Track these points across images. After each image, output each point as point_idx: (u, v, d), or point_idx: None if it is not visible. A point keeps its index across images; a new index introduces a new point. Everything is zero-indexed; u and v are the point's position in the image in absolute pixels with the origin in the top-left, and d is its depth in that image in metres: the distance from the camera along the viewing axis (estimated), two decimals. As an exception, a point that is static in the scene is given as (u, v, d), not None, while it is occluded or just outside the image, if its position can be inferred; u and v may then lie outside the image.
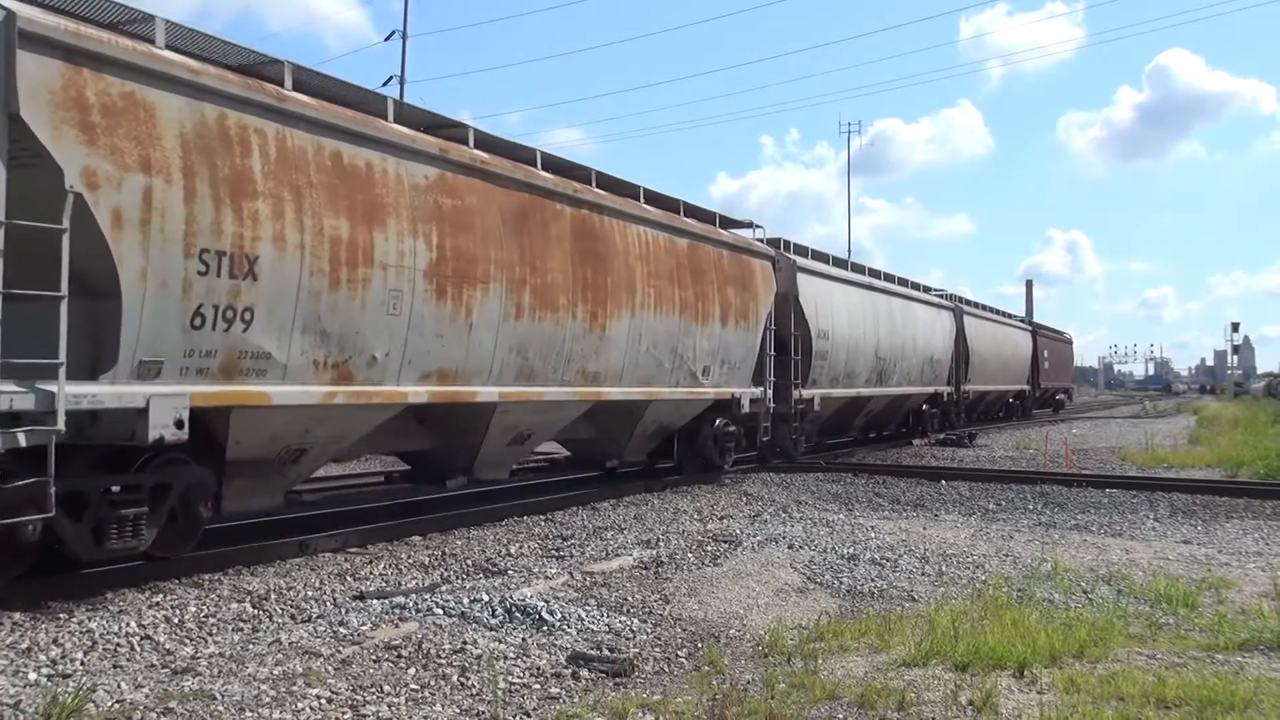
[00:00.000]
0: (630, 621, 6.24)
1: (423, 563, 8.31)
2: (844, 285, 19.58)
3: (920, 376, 23.68)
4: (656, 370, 12.39)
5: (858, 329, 19.64)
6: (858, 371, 19.71)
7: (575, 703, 4.70)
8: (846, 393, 19.31)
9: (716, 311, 13.76)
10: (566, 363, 10.61)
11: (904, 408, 24.21)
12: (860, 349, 19.66)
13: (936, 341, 24.85)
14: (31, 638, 5.62)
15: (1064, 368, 48.21)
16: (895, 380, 21.90)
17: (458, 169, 9.19)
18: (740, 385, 14.75)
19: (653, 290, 12.17)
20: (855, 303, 19.78)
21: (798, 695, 4.80)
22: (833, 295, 18.64)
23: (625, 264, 11.63)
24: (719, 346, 13.81)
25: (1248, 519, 11.37)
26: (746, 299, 14.67)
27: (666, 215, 12.96)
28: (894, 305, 22.13)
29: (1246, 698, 4.67)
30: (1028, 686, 4.95)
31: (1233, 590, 7.34)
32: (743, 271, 14.73)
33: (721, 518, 10.85)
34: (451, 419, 9.80)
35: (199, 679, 4.88)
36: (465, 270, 9.07)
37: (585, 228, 11.01)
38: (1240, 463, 18.04)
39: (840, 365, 18.80)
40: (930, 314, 24.87)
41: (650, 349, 12.13)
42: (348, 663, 5.16)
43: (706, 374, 13.60)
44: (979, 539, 9.74)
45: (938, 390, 25.34)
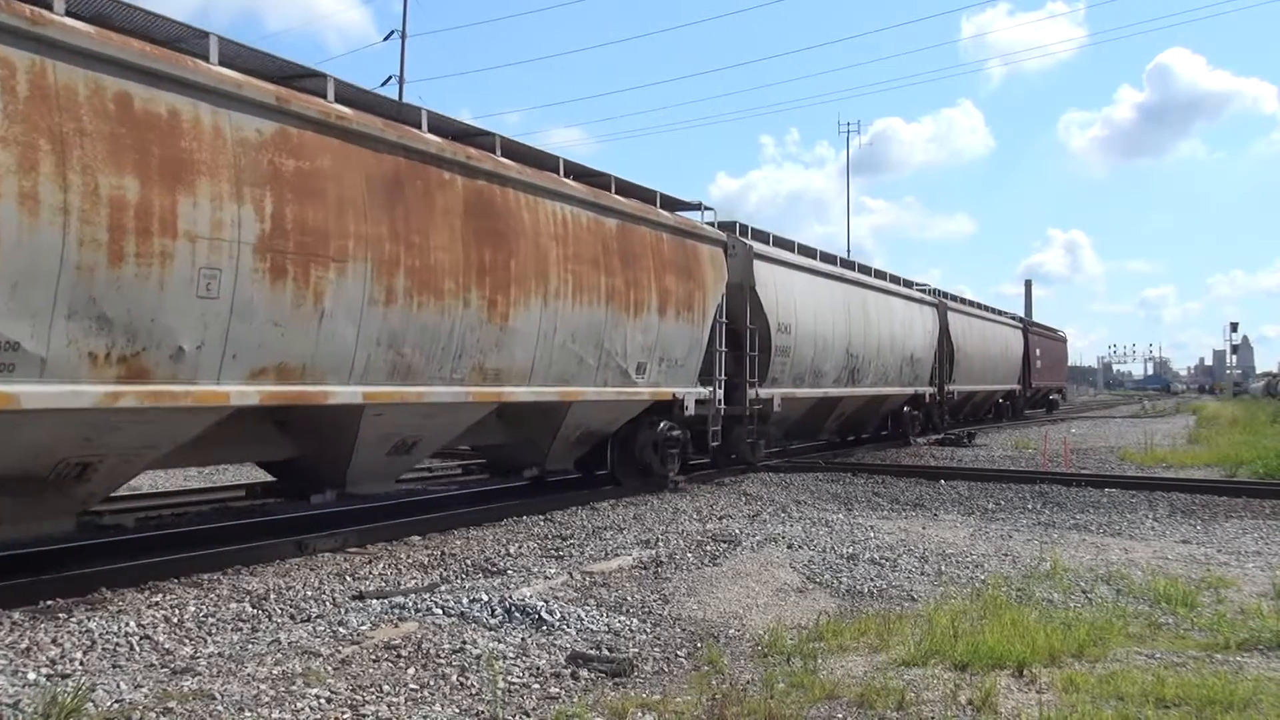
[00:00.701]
0: (630, 621, 6.24)
1: (422, 562, 8.31)
2: (810, 275, 17.98)
3: (899, 376, 22.23)
4: (578, 367, 10.98)
5: (825, 323, 18.09)
6: (826, 370, 18.19)
7: (574, 703, 4.70)
8: (813, 393, 17.84)
9: (653, 301, 12.27)
10: (457, 358, 9.18)
11: (882, 409, 22.97)
12: (829, 345, 18.16)
13: (917, 338, 23.35)
14: (31, 637, 5.61)
15: (1057, 367, 46.96)
16: (870, 380, 20.44)
17: (306, 124, 7.66)
18: (684, 384, 13.31)
19: (572, 276, 10.68)
20: (823, 295, 18.26)
21: (797, 695, 4.80)
22: (796, 286, 17.06)
23: (536, 245, 10.16)
24: (656, 341, 12.39)
25: (1247, 518, 11.37)
26: (691, 288, 13.19)
27: (592, 191, 11.49)
28: (869, 299, 20.53)
29: (1246, 697, 4.67)
30: (1027, 686, 4.96)
31: (1232, 590, 7.34)
32: (687, 257, 13.24)
33: (721, 517, 10.85)
34: (313, 425, 8.45)
35: (198, 679, 4.88)
36: (314, 246, 7.59)
37: (483, 202, 9.53)
38: (1239, 462, 18.04)
39: (805, 363, 17.25)
40: (910, 309, 23.35)
41: (569, 343, 10.71)
42: (347, 662, 5.16)
43: (641, 371, 12.18)
44: (978, 538, 9.75)
45: (919, 391, 23.86)
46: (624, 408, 12.36)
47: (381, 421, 8.73)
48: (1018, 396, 37.39)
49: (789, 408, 16.98)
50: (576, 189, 11.18)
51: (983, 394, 31.74)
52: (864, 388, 20.23)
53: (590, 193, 11.43)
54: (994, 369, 32.23)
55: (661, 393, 12.78)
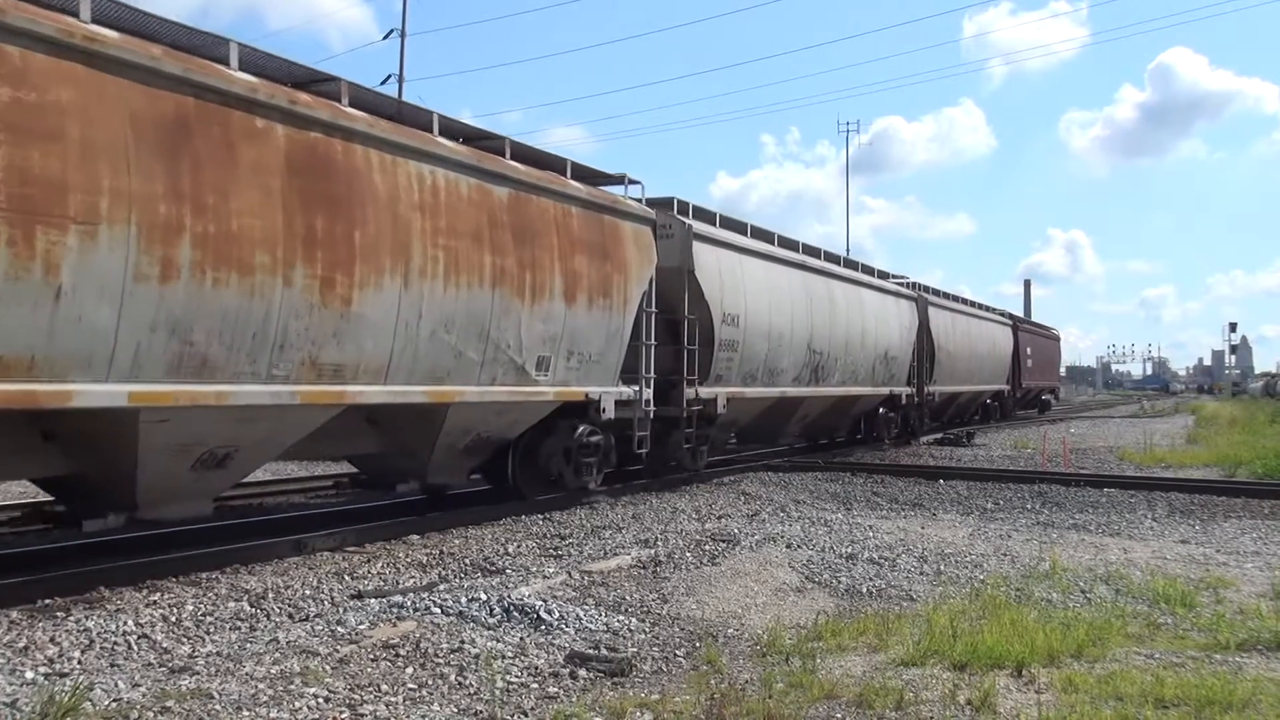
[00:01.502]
0: (628, 621, 6.24)
1: (420, 562, 8.30)
2: (764, 261, 16.02)
3: (871, 375, 20.50)
4: (455, 362, 9.32)
5: (783, 315, 16.14)
6: (783, 367, 16.33)
7: (573, 702, 4.70)
8: (767, 392, 16.04)
9: (557, 286, 10.58)
10: (278, 350, 7.47)
11: (853, 411, 21.25)
12: (786, 340, 16.22)
13: (892, 335, 21.57)
14: (29, 636, 5.61)
15: (1049, 366, 45.32)
16: (837, 379, 18.70)
17: (32, 43, 6.02)
18: (601, 383, 11.67)
19: (444, 253, 9.01)
20: (780, 283, 16.33)
21: (796, 695, 4.79)
22: (747, 272, 15.16)
23: (392, 214, 8.52)
24: (563, 332, 10.75)
25: (1245, 518, 11.37)
26: (610, 271, 11.53)
27: (476, 154, 9.79)
28: (835, 290, 18.71)
29: (1245, 697, 4.67)
30: (1026, 686, 4.95)
31: (1231, 590, 7.34)
32: (604, 236, 11.54)
33: (719, 517, 10.84)
34: (80, 434, 7.00)
35: (196, 678, 4.87)
36: (42, 203, 5.98)
37: (316, 159, 7.84)
38: (1238, 462, 18.06)
39: (757, 359, 15.39)
40: (884, 302, 21.53)
41: (441, 333, 9.05)
42: (345, 662, 5.15)
43: (544, 368, 10.57)
44: (977, 538, 9.74)
45: (895, 391, 22.09)
46: (523, 410, 10.70)
47: (170, 429, 7.06)
48: (1006, 397, 35.83)
49: (738, 409, 15.37)
50: (453, 150, 9.45)
51: (968, 395, 30.18)
52: (830, 388, 18.49)
53: (473, 155, 9.72)
54: (980, 368, 30.62)
55: (570, 392, 11.13)
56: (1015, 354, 35.61)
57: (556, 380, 10.84)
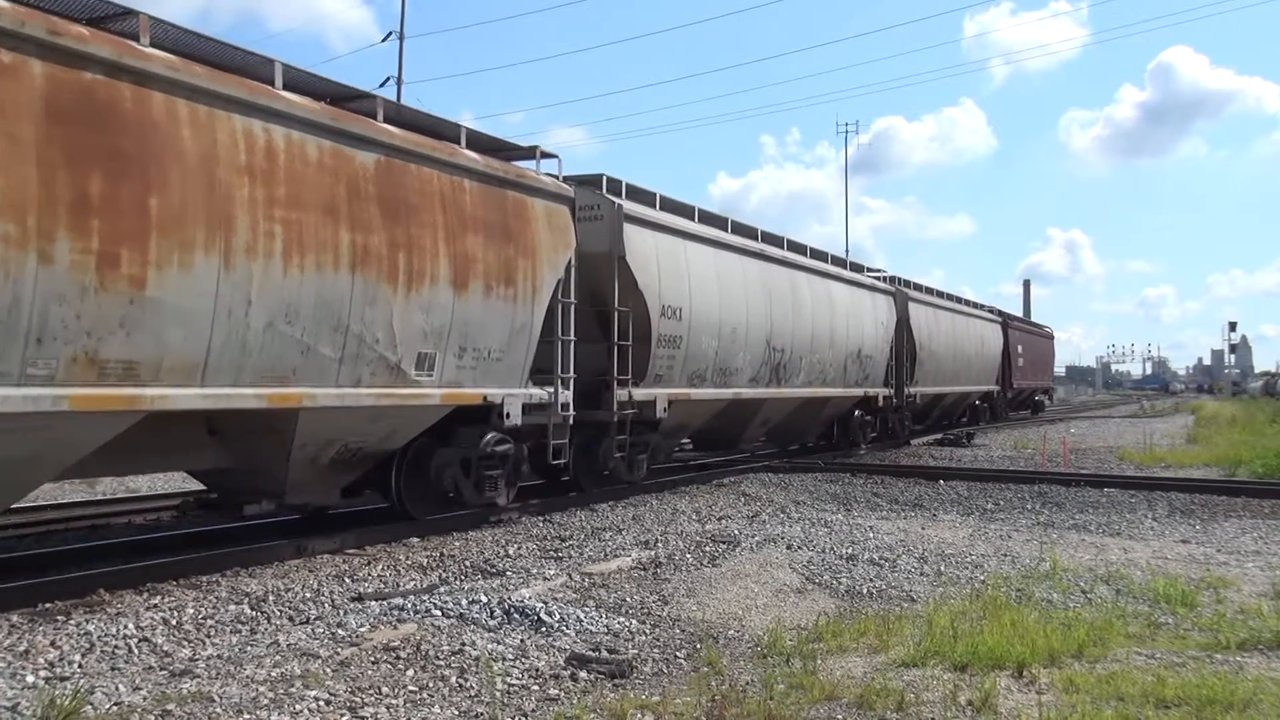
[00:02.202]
0: (629, 622, 6.24)
1: (421, 564, 8.31)
2: (714, 249, 14.41)
3: (843, 375, 19.04)
4: (303, 359, 7.87)
5: (735, 309, 14.63)
6: (737, 366, 14.85)
7: (574, 704, 4.70)
8: (718, 394, 14.46)
9: (443, 271, 9.17)
10: (35, 343, 6.10)
11: (823, 414, 19.63)
12: (740, 336, 14.74)
13: (867, 331, 20.06)
14: (29, 640, 5.61)
15: (1042, 365, 43.52)
16: (802, 379, 17.22)
17: None
18: (503, 383, 10.15)
19: (282, 227, 7.60)
20: (733, 274, 14.81)
21: (796, 696, 4.80)
22: (691, 260, 13.66)
23: (207, 178, 7.10)
24: (451, 325, 9.28)
25: (1246, 518, 11.37)
26: (514, 256, 10.10)
27: (331, 113, 8.33)
28: (799, 282, 17.13)
29: (1246, 697, 4.67)
30: (1026, 686, 4.95)
31: (1231, 589, 7.34)
32: (508, 215, 10.09)
33: (720, 518, 10.85)
34: None
35: (197, 681, 4.87)
36: None
37: (92, 105, 6.44)
38: (1238, 462, 18.07)
39: (705, 357, 13.90)
40: (857, 297, 20.00)
41: (280, 323, 7.60)
42: (346, 664, 5.15)
43: (426, 366, 9.11)
44: (977, 539, 9.75)
45: (870, 393, 20.64)
46: (403, 416, 9.16)
47: None
48: (996, 398, 34.15)
49: (685, 413, 13.99)
50: (295, 105, 7.97)
51: (954, 396, 28.37)
52: (794, 389, 17.00)
53: (326, 113, 8.29)
54: (967, 368, 28.79)
55: (463, 395, 9.66)
56: (1005, 353, 34.14)
57: (445, 381, 9.37)
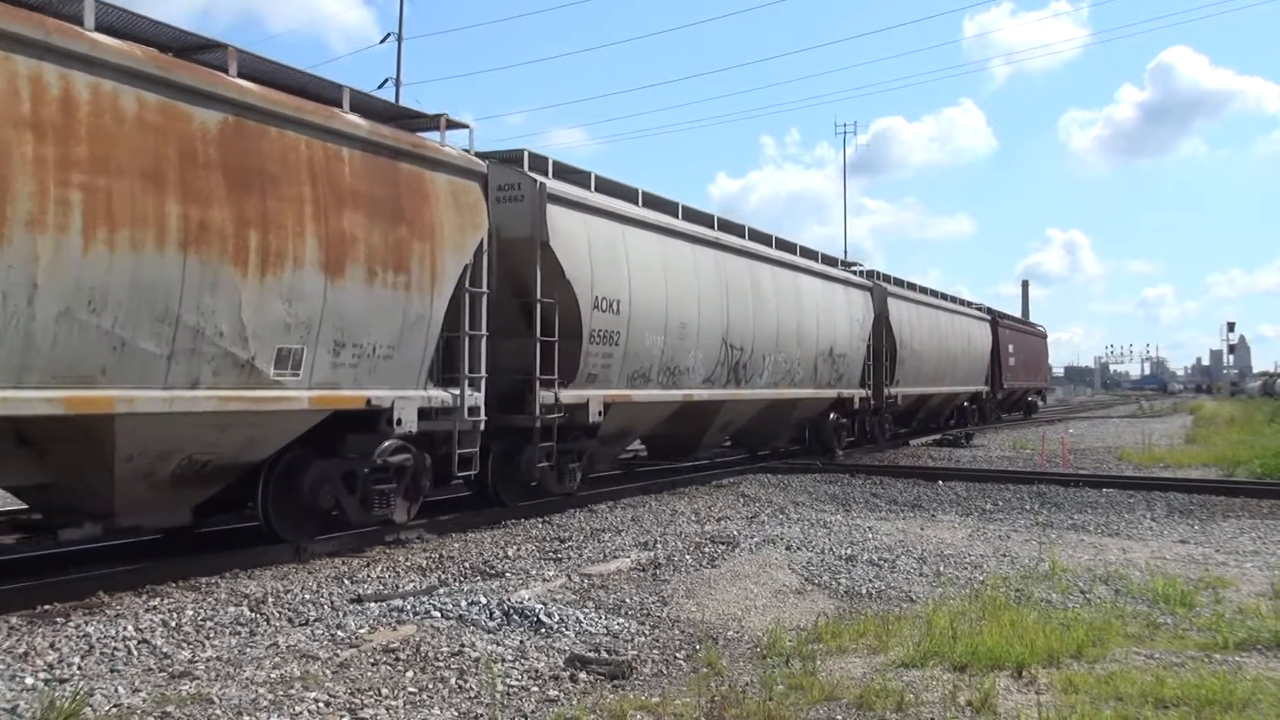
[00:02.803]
0: (628, 623, 6.24)
1: (420, 565, 8.30)
2: (660, 235, 13.14)
3: (813, 375, 17.76)
4: (115, 355, 6.66)
5: (686, 302, 13.37)
6: (688, 365, 13.59)
7: (573, 705, 4.70)
8: (667, 396, 13.27)
9: (310, 252, 7.80)
10: None
11: (792, 417, 18.31)
12: (691, 332, 13.47)
13: (840, 329, 18.84)
14: (28, 642, 5.61)
15: (1035, 365, 41.69)
16: (766, 379, 15.97)
17: None
18: (397, 384, 8.87)
19: (81, 195, 6.36)
20: (683, 264, 13.51)
21: (796, 696, 4.80)
22: (632, 247, 12.42)
23: None
24: (323, 316, 7.93)
25: (1244, 518, 11.38)
26: (407, 237, 8.79)
27: (160, 61, 7.05)
28: (762, 274, 15.82)
29: (1245, 697, 4.68)
30: (1026, 687, 4.96)
31: (1230, 590, 7.35)
32: (400, 190, 8.78)
33: (719, 519, 10.85)
34: None
35: (196, 683, 4.87)
36: None
37: None
38: (1237, 462, 18.09)
39: (649, 355, 12.62)
40: (829, 291, 18.63)
41: (81, 311, 6.40)
42: (345, 666, 5.15)
43: (290, 364, 7.81)
44: (976, 539, 9.75)
45: (845, 394, 19.40)
46: (260, 423, 7.86)
47: None
48: (986, 399, 32.51)
49: (628, 416, 12.75)
50: (110, 50, 6.67)
51: (939, 397, 26.94)
52: (756, 390, 15.71)
53: (151, 62, 6.95)
54: (953, 368, 27.19)
55: (341, 398, 8.33)
56: (995, 352, 32.48)
57: (316, 381, 8.04)
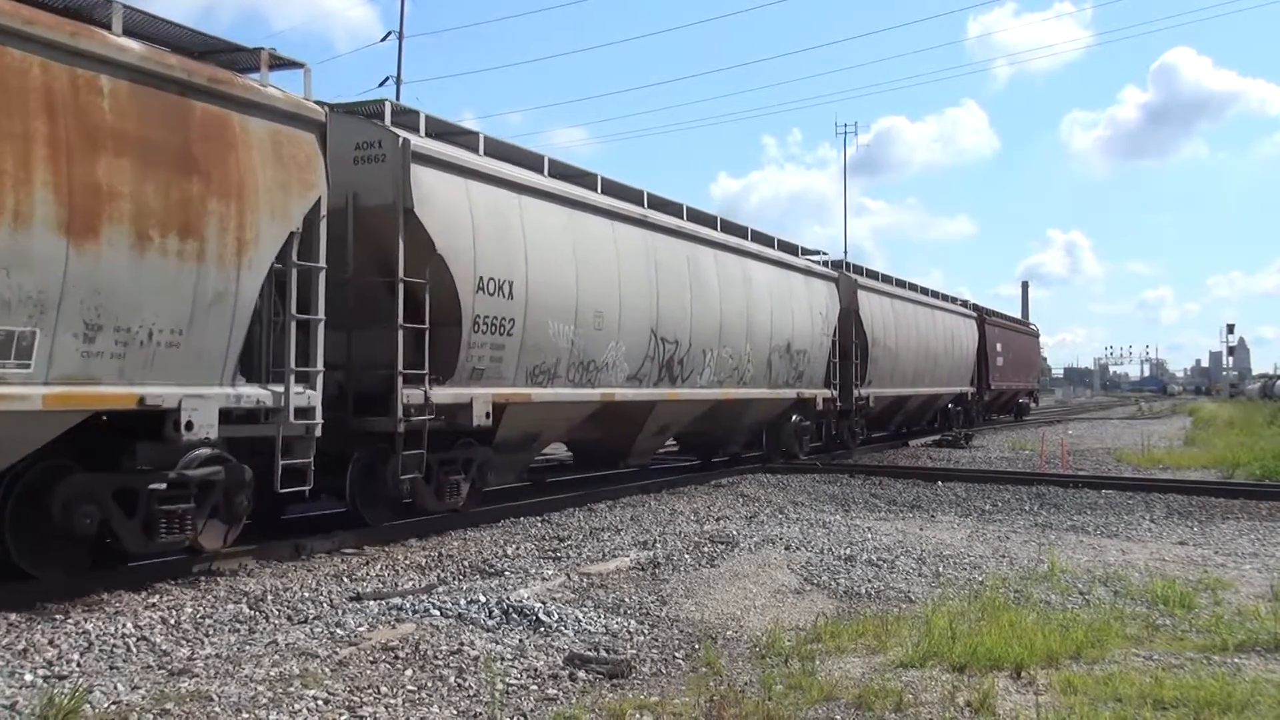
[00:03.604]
0: (627, 623, 6.24)
1: (419, 564, 8.30)
2: (568, 209, 11.23)
3: (767, 374, 15.95)
4: None
5: (603, 287, 11.57)
6: (606, 361, 11.76)
7: (573, 704, 4.70)
8: (577, 395, 11.32)
9: (41, 207, 6.01)
10: None
11: (744, 420, 16.34)
12: (609, 321, 11.69)
13: (799, 322, 16.97)
14: (28, 639, 5.60)
15: (1026, 365, 39.64)
16: (708, 377, 14.11)
17: None
18: (185, 380, 7.02)
19: None
20: (600, 243, 11.70)
21: (795, 696, 4.80)
22: (528, 221, 10.43)
23: None
24: (66, 289, 6.18)
25: (1243, 520, 11.39)
26: (200, 195, 7.04)
27: None
28: (702, 258, 14.00)
29: (1244, 699, 4.68)
30: (1025, 687, 4.96)
31: (1229, 591, 7.35)
32: (191, 135, 7.03)
33: (718, 519, 10.85)
34: None
35: (195, 680, 4.87)
36: None
37: None
38: (1236, 464, 18.11)
39: (555, 347, 10.76)
40: (785, 280, 16.75)
41: None
42: (345, 664, 5.15)
43: (11, 352, 5.99)
44: (975, 540, 9.75)
45: (807, 395, 17.56)
46: None
47: None
48: (971, 400, 30.37)
49: (533, 419, 10.91)
50: None
51: (919, 399, 25.00)
52: (695, 389, 13.84)
53: None
54: (934, 367, 25.30)
55: (97, 396, 6.54)
56: (981, 351, 30.68)
57: (57, 374, 6.26)
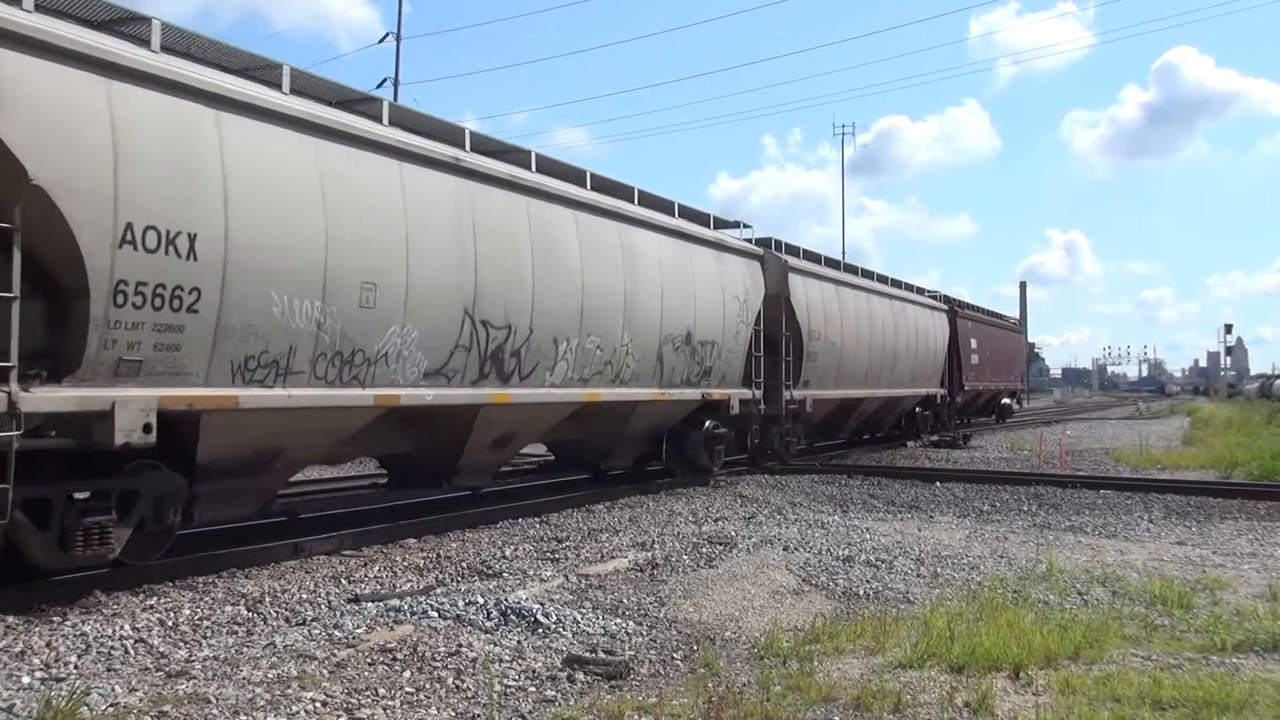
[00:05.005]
0: (626, 624, 6.24)
1: (417, 565, 8.29)
2: (317, 139, 7.92)
3: (657, 371, 12.59)
4: None
5: (378, 247, 8.31)
6: (388, 349, 8.47)
7: (571, 705, 4.69)
8: (336, 397, 8.07)
9: None
10: None
11: (630, 429, 12.76)
12: (392, 295, 8.45)
13: (705, 307, 13.65)
14: (25, 641, 5.59)
15: (1007, 363, 35.68)
16: (564, 374, 10.87)
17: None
18: None
19: None
20: (377, 189, 8.42)
21: (793, 697, 4.79)
22: (235, 149, 7.20)
23: None
24: None
25: (1242, 520, 11.39)
26: None
27: None
28: (557, 221, 10.78)
29: (1242, 699, 4.68)
30: (1023, 688, 4.96)
31: (1227, 591, 7.35)
32: None
33: (716, 520, 10.84)
34: None
35: (193, 682, 4.86)
36: None
37: None
38: (1234, 464, 18.11)
39: (287, 329, 7.57)
40: (685, 254, 13.37)
41: None
42: (342, 666, 5.15)
43: None
44: (974, 540, 9.75)
45: (717, 396, 14.08)
46: None
47: None
48: (941, 403, 26.72)
49: (260, 433, 7.68)
50: None
51: (874, 402, 21.31)
52: (543, 388, 10.59)
53: None
54: (892, 366, 21.68)
55: None
56: (954, 347, 27.18)
57: None
